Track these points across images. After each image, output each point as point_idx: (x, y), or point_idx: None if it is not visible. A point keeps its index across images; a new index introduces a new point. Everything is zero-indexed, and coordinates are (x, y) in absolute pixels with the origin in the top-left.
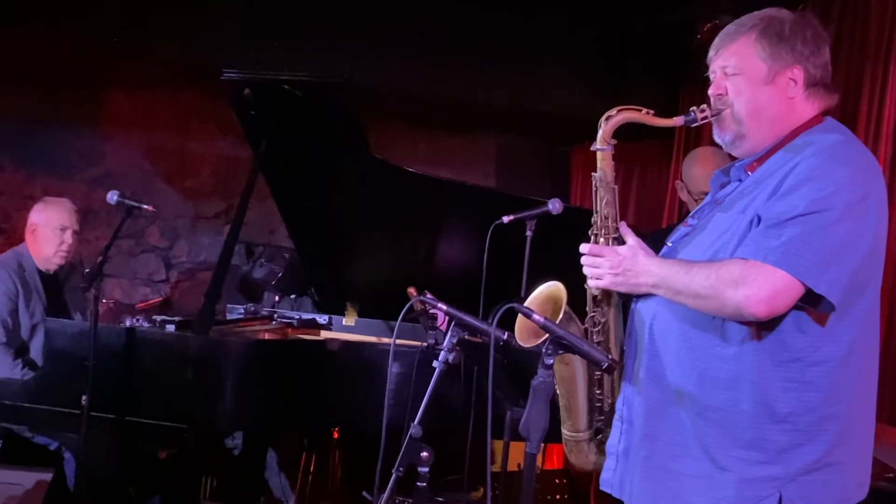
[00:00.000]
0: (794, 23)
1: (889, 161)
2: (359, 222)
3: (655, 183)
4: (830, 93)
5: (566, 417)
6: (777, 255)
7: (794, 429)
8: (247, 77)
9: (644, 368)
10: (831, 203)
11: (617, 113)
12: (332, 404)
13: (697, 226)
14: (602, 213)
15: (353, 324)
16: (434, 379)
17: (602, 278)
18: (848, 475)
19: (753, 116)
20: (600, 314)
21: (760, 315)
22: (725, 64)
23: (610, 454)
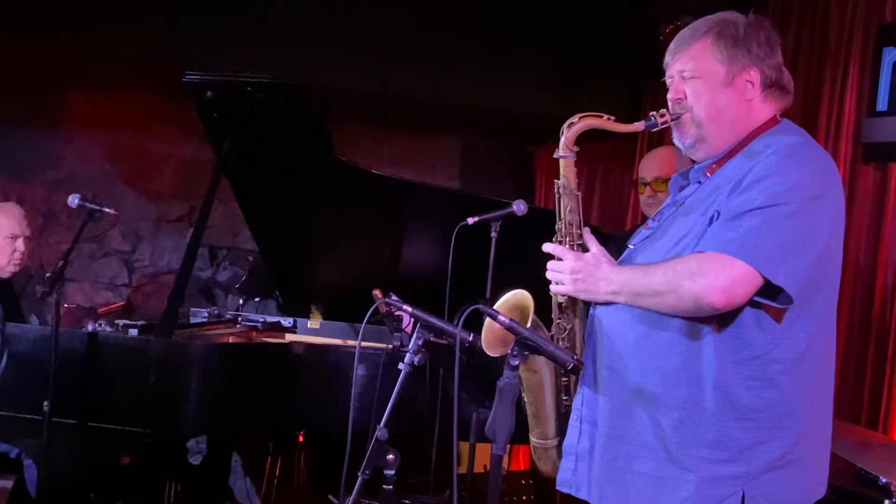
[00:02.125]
0: (748, 25)
1: (849, 162)
2: (323, 224)
3: (618, 184)
4: (785, 94)
5: (534, 425)
6: (734, 245)
7: (755, 426)
8: (209, 79)
9: (605, 369)
10: (788, 198)
11: (579, 120)
12: (297, 407)
13: (658, 228)
14: (566, 219)
15: (318, 326)
16: (399, 381)
17: (563, 283)
18: (809, 472)
19: (713, 119)
20: (566, 321)
21: (719, 304)
22: (683, 68)
23: (568, 454)
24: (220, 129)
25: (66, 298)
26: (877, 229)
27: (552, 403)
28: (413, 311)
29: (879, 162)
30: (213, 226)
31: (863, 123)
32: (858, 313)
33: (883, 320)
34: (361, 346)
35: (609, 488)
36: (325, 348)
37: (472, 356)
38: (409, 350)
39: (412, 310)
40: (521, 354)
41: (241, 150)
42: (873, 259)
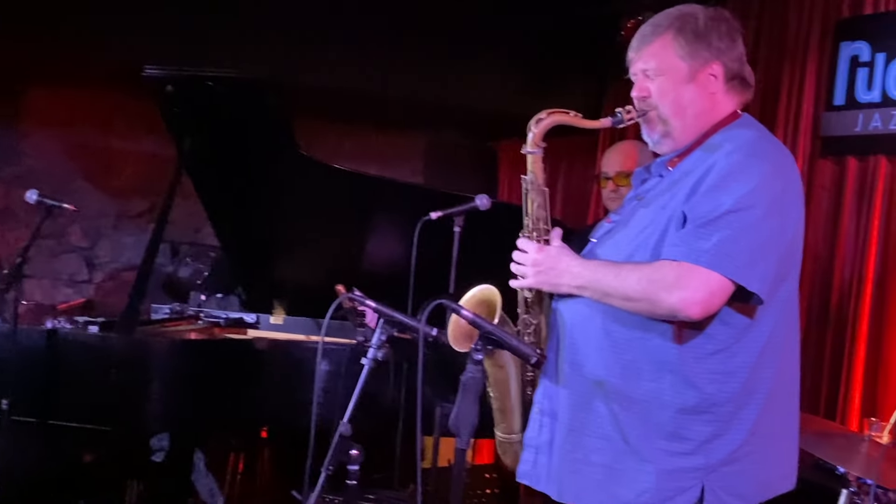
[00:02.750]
0: (709, 18)
1: (807, 156)
2: (286, 220)
3: (581, 179)
4: (746, 87)
5: (500, 419)
6: (709, 257)
7: (716, 419)
8: (169, 73)
9: (567, 363)
10: (755, 199)
11: (547, 116)
12: (260, 404)
13: (619, 221)
14: (533, 215)
15: (282, 322)
16: (363, 376)
17: (526, 275)
18: (768, 465)
19: (679, 115)
20: (532, 316)
21: (696, 317)
22: (646, 66)
23: (528, 446)
24: (181, 125)
25: (24, 295)
26: (834, 222)
27: (518, 398)
28: (376, 306)
29: (837, 156)
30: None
31: (821, 117)
32: (816, 306)
33: (840, 312)
34: (325, 341)
35: (568, 480)
36: (289, 344)
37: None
38: (372, 345)
39: (375, 305)
40: (484, 349)
41: (202, 145)
42: (831, 252)
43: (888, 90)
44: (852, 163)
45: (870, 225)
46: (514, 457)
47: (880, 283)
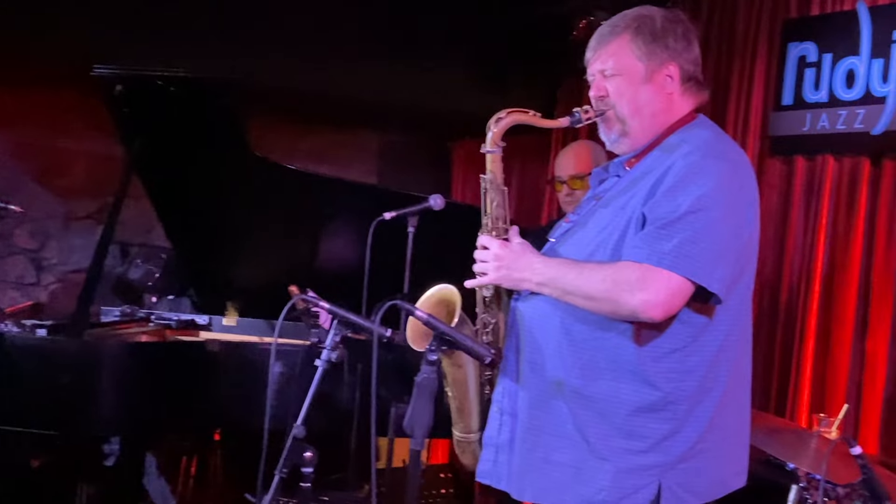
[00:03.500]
0: (665, 20)
1: (757, 155)
2: (239, 221)
3: (534, 178)
4: (702, 89)
5: (458, 419)
6: (670, 258)
7: (671, 417)
8: (119, 72)
9: (526, 362)
10: (712, 200)
11: (506, 115)
12: (212, 406)
13: (578, 221)
14: (492, 214)
15: (234, 324)
16: (316, 378)
17: (487, 272)
18: (723, 461)
19: (636, 115)
20: (491, 315)
21: (657, 318)
22: (604, 67)
23: (488, 445)
24: (131, 124)
25: None
26: (783, 221)
27: (476, 397)
28: (330, 307)
29: (785, 155)
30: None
31: (769, 117)
32: (766, 304)
33: (790, 310)
34: (278, 342)
35: (528, 479)
36: (241, 346)
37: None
38: (326, 346)
39: (329, 306)
40: (438, 349)
41: (153, 145)
42: (780, 250)
43: (835, 90)
44: (800, 162)
45: (818, 223)
46: (473, 456)
47: (828, 280)
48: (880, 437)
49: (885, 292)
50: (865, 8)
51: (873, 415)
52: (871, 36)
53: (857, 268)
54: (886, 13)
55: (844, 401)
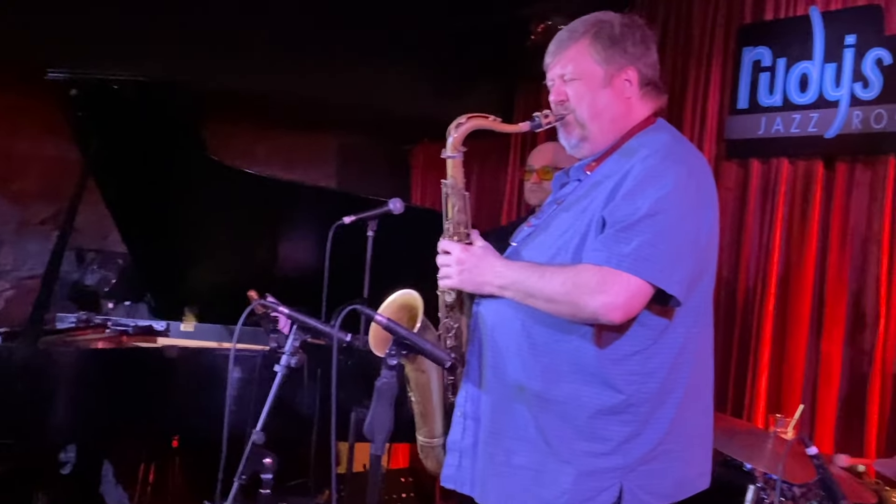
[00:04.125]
0: (624, 25)
1: (713, 158)
2: (196, 225)
3: (494, 181)
4: (661, 93)
5: (421, 424)
6: (630, 261)
7: (633, 419)
8: (74, 76)
9: (488, 366)
10: (671, 203)
11: (467, 120)
12: (170, 413)
13: (540, 225)
14: (454, 219)
15: (192, 329)
16: (276, 383)
17: (450, 276)
18: (685, 463)
19: (595, 119)
20: (453, 319)
21: (617, 321)
22: (563, 71)
23: (452, 450)
24: (87, 129)
25: None
26: (740, 224)
27: (439, 402)
28: (289, 312)
29: (741, 158)
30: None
31: (725, 121)
32: (723, 306)
33: (747, 312)
34: (237, 348)
35: (491, 483)
36: (199, 351)
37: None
38: (285, 352)
39: (288, 311)
40: (398, 354)
41: (109, 149)
42: (737, 252)
43: (789, 94)
44: (756, 165)
45: (773, 226)
46: (437, 461)
47: (784, 281)
48: (836, 436)
49: (839, 293)
50: (818, 13)
51: (829, 415)
52: (823, 41)
53: (812, 269)
54: (838, 18)
55: (800, 401)
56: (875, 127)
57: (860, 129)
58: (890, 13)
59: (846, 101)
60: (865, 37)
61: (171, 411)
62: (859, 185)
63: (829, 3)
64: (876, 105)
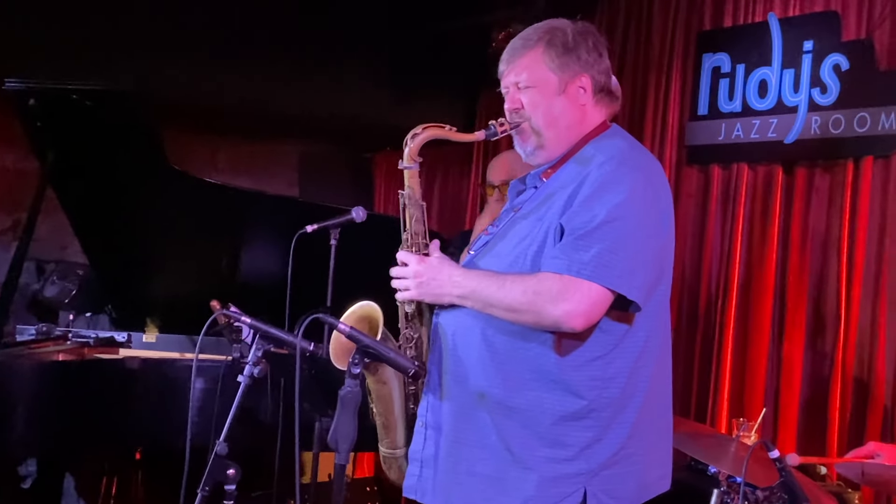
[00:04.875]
0: (576, 32)
1: (674, 164)
2: (158, 235)
3: (457, 187)
4: (614, 99)
5: (384, 435)
6: (590, 268)
7: (594, 424)
8: (32, 86)
9: (449, 374)
10: (628, 209)
11: (422, 131)
12: (133, 425)
13: (497, 233)
14: (412, 229)
15: (154, 340)
16: (239, 393)
17: (408, 288)
18: (646, 466)
19: (551, 126)
20: (413, 330)
21: (579, 328)
22: (517, 79)
23: (413, 460)
24: (45, 139)
25: None
26: (701, 229)
27: (401, 413)
28: (252, 321)
29: (702, 164)
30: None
31: (686, 127)
32: (686, 311)
33: (709, 317)
34: (199, 358)
35: (453, 492)
36: (162, 362)
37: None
38: (248, 362)
39: (251, 320)
40: (361, 362)
41: (67, 159)
42: (698, 258)
43: (748, 100)
44: (716, 171)
45: (734, 231)
46: (399, 471)
47: (745, 286)
48: (798, 439)
49: (800, 297)
50: (776, 19)
51: (791, 418)
52: (781, 47)
53: (773, 274)
54: (796, 24)
55: (763, 405)
56: (833, 132)
57: (819, 134)
58: (847, 19)
59: (805, 107)
60: (823, 43)
61: (134, 423)
62: (818, 190)
63: (788, 9)
64: (834, 110)
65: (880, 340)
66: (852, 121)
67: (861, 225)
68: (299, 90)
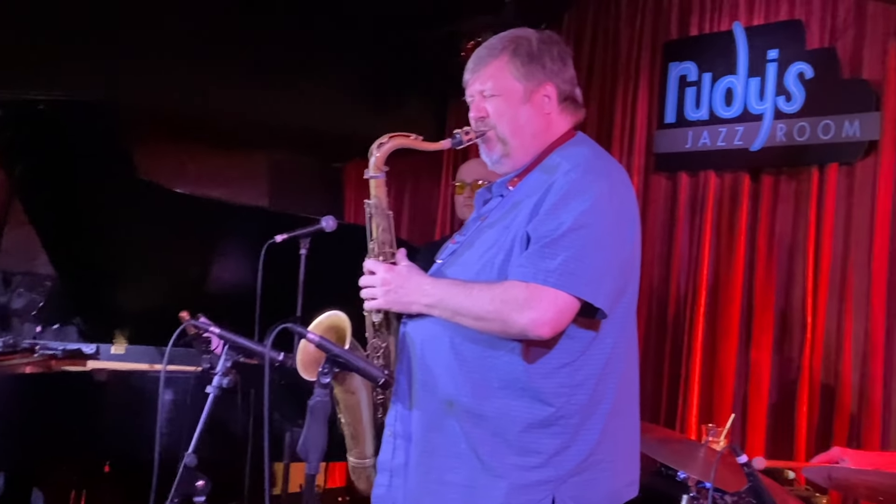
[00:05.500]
0: (541, 41)
1: (642, 172)
2: (126, 246)
3: (427, 198)
4: (578, 108)
5: (352, 445)
6: (556, 276)
7: (563, 431)
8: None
9: (418, 384)
10: (594, 216)
11: (388, 140)
12: (101, 437)
13: (464, 242)
14: (378, 239)
15: (123, 352)
16: (208, 404)
17: (376, 297)
18: (615, 472)
19: (516, 135)
20: (381, 339)
21: (546, 336)
22: (483, 87)
23: (382, 470)
24: (12, 150)
25: None
26: (669, 236)
27: (370, 422)
28: (220, 332)
29: (669, 172)
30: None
31: (653, 135)
32: (655, 318)
33: (677, 323)
34: (168, 369)
35: (424, 501)
36: (130, 374)
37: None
38: (217, 372)
39: (220, 331)
40: (331, 372)
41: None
42: (667, 264)
43: (715, 108)
44: (684, 178)
45: (702, 238)
46: (368, 481)
47: (713, 293)
48: (766, 444)
49: (767, 303)
50: (741, 28)
51: (759, 423)
52: (747, 55)
53: (740, 280)
54: (761, 33)
55: (731, 410)
56: (798, 139)
57: (784, 141)
58: (810, 28)
59: (770, 115)
60: (787, 51)
61: (102, 435)
62: (784, 196)
63: (752, 18)
64: (799, 118)
65: (846, 345)
66: (817, 128)
67: (826, 231)
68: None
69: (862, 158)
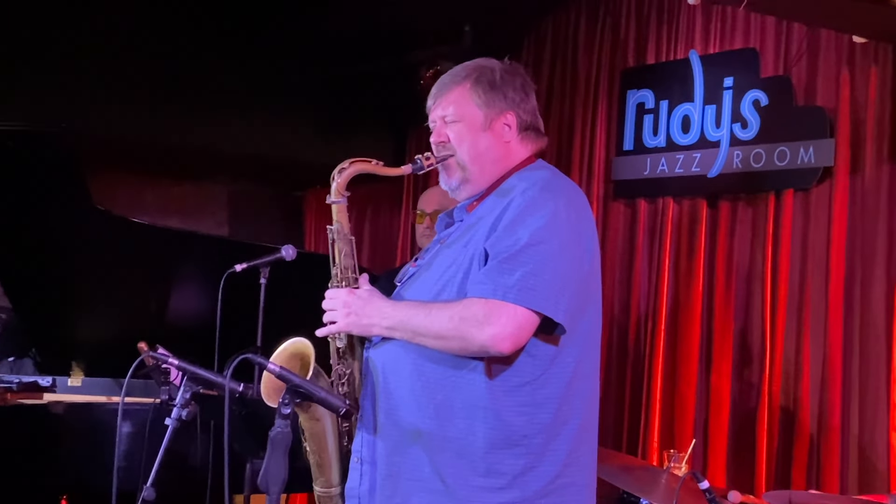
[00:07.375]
0: (504, 72)
1: (601, 199)
2: (83, 277)
3: (387, 225)
4: (540, 136)
5: (318, 474)
6: (515, 292)
7: (527, 452)
8: None
9: (382, 409)
10: (551, 232)
11: (349, 165)
12: (58, 471)
13: (423, 265)
14: (341, 264)
15: (80, 384)
16: (167, 437)
17: (336, 319)
18: (580, 496)
19: (476, 161)
20: (345, 365)
21: (507, 352)
22: (444, 113)
23: (350, 497)
24: None
25: None
26: (629, 262)
27: (335, 450)
28: (179, 363)
29: (628, 198)
30: None
31: (612, 162)
32: (616, 344)
33: (638, 350)
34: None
35: None
36: (87, 406)
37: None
38: (176, 404)
39: (178, 362)
40: (292, 402)
41: None
42: (627, 290)
43: (672, 135)
44: (643, 205)
45: (661, 264)
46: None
47: (672, 319)
48: (727, 469)
49: (726, 329)
50: (697, 57)
51: (720, 448)
52: (703, 83)
53: (700, 306)
54: (717, 61)
55: (692, 436)
56: (755, 166)
57: (741, 168)
58: (765, 56)
59: (726, 142)
60: (742, 79)
61: (59, 469)
62: (742, 222)
63: (708, 46)
64: (754, 145)
65: (804, 370)
66: (772, 155)
67: (784, 256)
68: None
69: (817, 184)
